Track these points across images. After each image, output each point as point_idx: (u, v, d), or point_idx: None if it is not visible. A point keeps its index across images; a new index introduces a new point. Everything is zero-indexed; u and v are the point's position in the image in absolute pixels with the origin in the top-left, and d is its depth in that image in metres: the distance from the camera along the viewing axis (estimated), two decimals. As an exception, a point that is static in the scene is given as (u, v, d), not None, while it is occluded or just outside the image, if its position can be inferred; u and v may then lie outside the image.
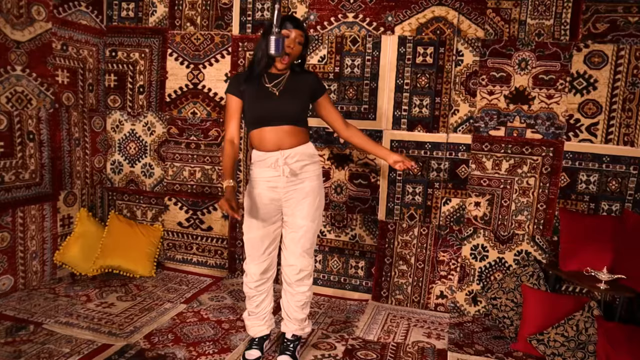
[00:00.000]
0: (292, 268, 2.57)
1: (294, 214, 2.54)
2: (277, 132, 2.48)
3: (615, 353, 2.49)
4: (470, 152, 3.27)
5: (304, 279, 2.60)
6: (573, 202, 3.16)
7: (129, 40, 3.81)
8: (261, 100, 2.48)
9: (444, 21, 3.22)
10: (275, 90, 2.47)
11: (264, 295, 2.71)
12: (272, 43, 2.32)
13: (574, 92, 3.08)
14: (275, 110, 2.47)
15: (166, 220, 3.92)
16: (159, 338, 2.87)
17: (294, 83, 2.50)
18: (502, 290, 3.23)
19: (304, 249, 2.56)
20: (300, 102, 2.52)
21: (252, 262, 2.63)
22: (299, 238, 2.55)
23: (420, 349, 2.91)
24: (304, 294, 2.63)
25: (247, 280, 2.67)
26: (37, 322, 2.96)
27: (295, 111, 2.50)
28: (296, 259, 2.56)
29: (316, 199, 2.56)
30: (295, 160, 2.49)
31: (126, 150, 3.94)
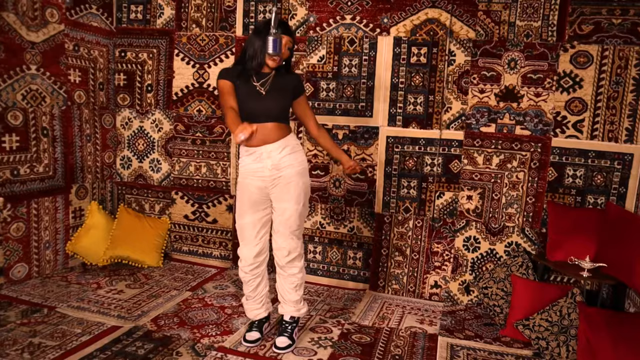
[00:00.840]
0: (282, 250, 2.75)
1: (280, 198, 2.71)
2: (263, 129, 2.62)
3: (594, 335, 2.63)
4: (462, 147, 3.43)
5: (294, 261, 2.78)
6: (560, 196, 3.30)
7: (138, 41, 4.00)
8: (250, 98, 2.67)
9: (437, 23, 3.37)
10: (262, 90, 2.65)
11: (259, 279, 2.86)
12: (270, 43, 2.50)
13: (560, 90, 3.23)
14: (262, 109, 2.65)
15: (173, 213, 4.10)
16: (165, 321, 3.04)
17: (279, 83, 2.68)
18: (493, 280, 3.38)
19: (291, 230, 2.72)
20: (284, 101, 2.71)
21: (245, 247, 2.80)
22: (286, 220, 2.71)
23: (412, 334, 3.06)
24: (296, 276, 2.81)
25: (242, 265, 2.83)
26: (51, 306, 3.14)
27: (279, 109, 2.69)
28: (284, 240, 2.73)
29: (299, 183, 2.70)
30: (278, 152, 2.66)
31: (135, 146, 4.12)
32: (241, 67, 2.69)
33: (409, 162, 3.52)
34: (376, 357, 2.76)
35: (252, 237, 2.77)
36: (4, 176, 3.28)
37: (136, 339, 2.80)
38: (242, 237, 2.80)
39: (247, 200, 2.74)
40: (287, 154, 2.69)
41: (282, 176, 2.69)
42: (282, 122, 2.69)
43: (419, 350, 2.86)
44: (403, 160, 3.53)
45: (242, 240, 2.80)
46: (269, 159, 2.65)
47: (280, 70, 2.71)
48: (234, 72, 2.71)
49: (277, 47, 2.51)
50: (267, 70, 2.68)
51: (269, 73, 2.68)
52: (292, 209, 2.71)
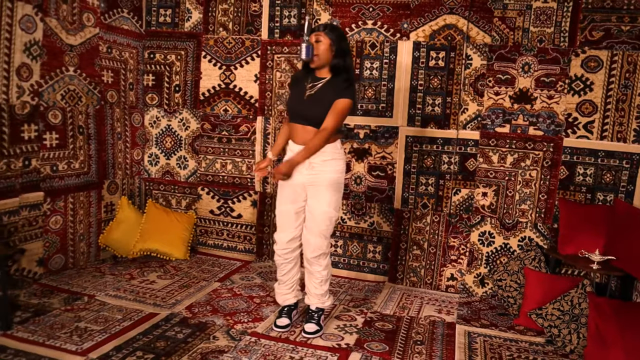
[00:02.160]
0: (309, 245, 2.92)
1: (314, 198, 2.89)
2: (304, 130, 2.84)
3: (603, 323, 2.81)
4: (478, 147, 3.61)
5: (319, 258, 2.93)
6: (571, 193, 3.49)
7: (166, 44, 4.18)
8: (294, 101, 2.88)
9: (455, 28, 3.56)
10: (307, 93, 2.82)
11: (290, 265, 3.05)
12: (302, 49, 2.68)
13: (572, 93, 3.42)
14: (301, 112, 2.85)
15: (199, 208, 4.29)
16: (199, 309, 3.23)
17: (326, 89, 2.79)
18: (507, 272, 3.56)
19: (319, 230, 2.89)
20: (324, 108, 2.77)
21: (281, 232, 3.00)
22: (316, 219, 2.89)
23: (431, 322, 3.26)
24: (320, 273, 2.97)
25: (277, 247, 3.03)
26: (90, 294, 3.33)
27: (318, 116, 2.78)
28: (312, 237, 2.90)
29: (332, 189, 2.86)
30: (316, 157, 2.81)
31: (162, 144, 4.31)
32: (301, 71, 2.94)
33: (427, 161, 3.70)
34: (399, 342, 2.96)
35: (288, 224, 2.98)
36: (45, 172, 3.47)
37: (174, 325, 2.99)
38: (280, 222, 3.01)
39: (288, 190, 2.95)
40: (324, 160, 2.83)
41: (317, 179, 2.86)
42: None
43: (439, 337, 3.05)
44: (421, 159, 3.71)
45: (280, 225, 3.02)
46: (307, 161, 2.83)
47: (337, 78, 2.79)
48: (297, 75, 2.97)
49: (309, 53, 2.70)
50: (322, 75, 2.83)
51: (323, 77, 2.82)
52: (322, 211, 2.87)
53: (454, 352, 2.88)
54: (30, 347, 2.64)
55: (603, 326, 2.83)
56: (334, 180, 2.88)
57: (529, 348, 2.98)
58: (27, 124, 3.31)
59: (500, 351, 2.92)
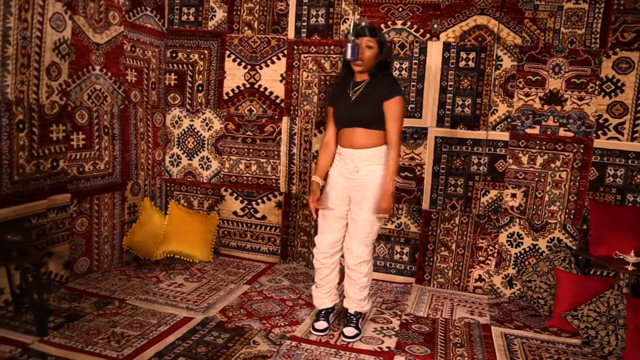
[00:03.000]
0: (350, 253, 2.91)
1: (357, 205, 2.88)
2: (351, 133, 2.85)
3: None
4: (507, 148, 3.62)
5: (360, 265, 2.91)
6: (601, 194, 3.52)
7: (189, 42, 4.13)
8: (340, 105, 2.89)
9: (485, 29, 3.56)
10: (352, 96, 2.82)
11: (329, 270, 3.03)
12: (348, 49, 2.66)
13: (602, 94, 3.44)
14: (348, 115, 2.85)
15: (222, 209, 4.24)
16: (233, 313, 3.19)
17: (370, 90, 2.80)
18: (536, 273, 3.58)
19: (361, 237, 2.87)
20: (370, 108, 2.79)
21: (323, 235, 2.99)
22: (358, 226, 2.87)
23: (466, 324, 3.26)
24: (361, 280, 2.95)
25: (316, 251, 3.02)
26: (120, 298, 3.27)
27: (365, 116, 2.80)
28: (353, 243, 2.89)
29: (376, 195, 2.83)
30: (360, 159, 2.83)
31: (184, 145, 4.26)
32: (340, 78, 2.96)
33: (457, 162, 3.70)
34: (439, 345, 2.96)
35: (331, 227, 2.96)
36: (72, 173, 3.40)
37: (211, 329, 2.95)
38: (322, 226, 2.99)
39: (332, 193, 2.94)
40: (370, 164, 2.83)
41: (361, 184, 2.85)
42: (373, 129, 2.79)
43: (477, 339, 3.05)
44: (451, 160, 3.71)
45: (322, 228, 3.00)
46: (352, 163, 2.83)
47: (377, 76, 2.81)
48: (334, 89, 3.01)
49: (354, 53, 2.68)
50: (362, 78, 2.83)
51: (363, 80, 2.83)
52: (364, 218, 2.85)
53: (494, 354, 2.89)
54: (70, 353, 2.59)
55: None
56: (379, 187, 2.83)
57: (566, 350, 2.99)
58: (56, 125, 3.25)
59: (539, 353, 2.93)
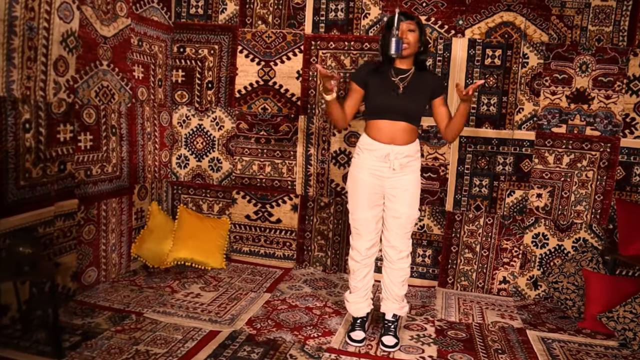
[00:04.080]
0: (395, 249, 2.83)
1: (397, 202, 2.77)
2: (394, 126, 2.69)
3: (689, 325, 2.83)
4: (533, 147, 3.56)
5: (405, 258, 2.87)
6: (627, 194, 3.49)
7: (198, 37, 3.91)
8: (384, 93, 2.70)
9: (512, 26, 3.48)
10: (400, 85, 2.68)
11: (367, 269, 2.91)
12: (392, 44, 2.53)
13: (630, 93, 3.41)
14: (396, 106, 2.69)
15: (233, 213, 4.04)
16: (260, 324, 3.01)
17: (418, 81, 2.69)
18: (563, 274, 3.53)
19: (405, 232, 2.82)
20: (420, 102, 2.72)
21: (360, 240, 2.85)
22: (402, 223, 2.80)
23: (501, 328, 3.17)
24: (405, 270, 2.88)
25: (354, 254, 2.89)
26: (136, 311, 3.04)
27: (414, 110, 2.71)
28: (397, 240, 2.82)
29: (416, 191, 2.81)
30: (404, 156, 2.71)
31: (193, 145, 4.03)
32: (378, 64, 2.76)
33: (482, 162, 3.62)
34: (480, 352, 2.86)
35: (369, 231, 2.83)
36: (79, 177, 3.15)
37: (242, 344, 2.76)
38: (360, 230, 2.84)
39: (364, 196, 2.79)
40: (411, 160, 2.74)
41: (401, 180, 2.74)
42: (413, 124, 2.72)
43: (515, 344, 2.97)
44: (475, 160, 3.62)
45: (358, 233, 2.85)
46: (396, 160, 2.69)
47: (421, 69, 2.72)
48: (368, 68, 2.79)
49: (398, 48, 2.54)
50: (405, 66, 2.71)
51: (408, 70, 2.70)
52: (408, 214, 2.79)
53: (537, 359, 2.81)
54: (96, 376, 2.38)
55: (685, 328, 2.84)
56: (417, 181, 2.80)
57: (606, 353, 2.94)
58: (63, 124, 2.99)
59: (580, 357, 2.86)
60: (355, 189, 2.82)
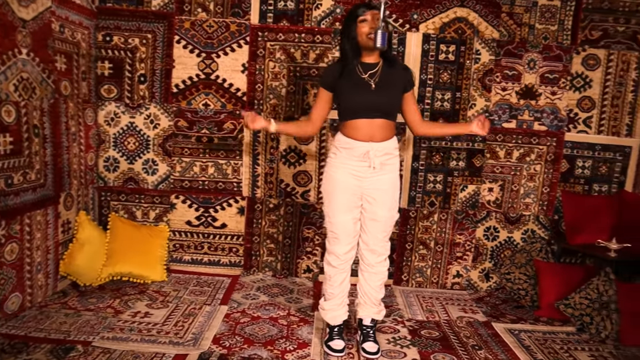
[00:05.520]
0: (373, 252, 2.73)
1: (377, 204, 2.64)
2: (372, 124, 2.55)
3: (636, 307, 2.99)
4: (485, 142, 3.60)
5: (384, 260, 2.78)
6: (571, 185, 3.67)
7: (127, 25, 3.45)
8: (357, 92, 2.54)
9: (465, 22, 3.48)
10: (371, 82, 2.53)
11: (344, 274, 2.77)
12: (378, 36, 2.38)
13: (573, 89, 3.57)
14: (371, 103, 2.54)
15: (172, 219, 3.64)
16: (229, 342, 2.73)
17: (389, 75, 2.56)
18: (514, 265, 3.62)
19: (384, 235, 2.72)
20: (395, 96, 2.60)
21: (338, 245, 2.69)
22: (381, 226, 2.69)
23: (468, 323, 3.17)
24: (383, 273, 2.80)
25: (331, 259, 2.73)
26: (81, 341, 2.61)
27: (390, 105, 2.59)
28: (376, 243, 2.72)
29: (396, 191, 2.71)
30: (383, 153, 2.59)
31: (123, 146, 3.57)
32: (342, 63, 2.56)
33: (436, 157, 3.60)
34: (459, 349, 2.82)
35: (347, 235, 2.67)
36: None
37: (217, 366, 2.48)
38: (337, 235, 2.67)
39: (342, 198, 2.62)
40: (390, 158, 2.62)
41: (380, 180, 2.61)
42: (391, 120, 2.59)
43: (488, 338, 2.98)
44: (430, 156, 3.59)
45: (336, 238, 2.68)
46: (376, 158, 2.54)
47: (389, 61, 2.57)
48: (334, 70, 2.59)
49: (384, 41, 2.40)
50: (372, 60, 2.55)
51: (376, 64, 2.55)
52: (388, 216, 2.68)
53: (513, 352, 2.82)
54: None
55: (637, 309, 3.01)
56: (396, 180, 2.69)
57: (569, 339, 3.05)
58: (-21, 125, 2.48)
59: (549, 345, 2.94)
60: (333, 191, 2.63)
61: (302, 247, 3.70)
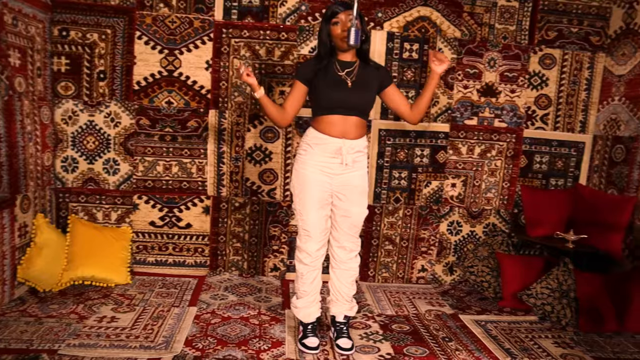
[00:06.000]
0: (344, 249, 2.76)
1: (348, 200, 2.67)
2: (346, 121, 2.57)
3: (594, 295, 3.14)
4: (448, 139, 3.69)
5: (355, 257, 2.81)
6: (529, 180, 3.80)
7: (85, 19, 3.31)
8: (334, 89, 2.55)
9: (428, 21, 3.55)
10: (348, 80, 2.54)
11: (317, 272, 2.78)
12: (352, 34, 2.39)
13: (531, 87, 3.71)
14: (347, 101, 2.55)
15: (135, 220, 3.54)
16: (202, 344, 2.67)
17: (365, 74, 2.59)
18: (477, 258, 3.72)
19: (356, 231, 2.76)
20: (370, 95, 2.63)
21: (310, 242, 2.69)
22: (352, 222, 2.72)
23: (437, 316, 3.24)
24: (354, 269, 2.83)
25: (303, 257, 2.72)
26: (46, 349, 2.49)
27: (365, 104, 2.62)
28: (348, 240, 2.75)
29: (365, 187, 2.74)
30: (355, 151, 2.61)
31: (82, 145, 3.43)
32: (319, 59, 2.57)
33: (400, 154, 3.64)
34: (430, 342, 2.87)
35: (319, 232, 2.68)
36: (-47, 189, 2.48)
37: (193, 369, 2.43)
38: (308, 232, 2.67)
39: (314, 195, 2.63)
40: (360, 155, 2.65)
41: (350, 177, 2.64)
42: (364, 119, 2.61)
43: (457, 330, 3.05)
44: (395, 153, 3.64)
45: (308, 235, 2.68)
46: (349, 155, 2.56)
47: (365, 61, 2.60)
48: (311, 66, 2.60)
49: (358, 39, 2.41)
50: (349, 58, 2.56)
51: (353, 62, 2.57)
52: (359, 212, 2.72)
53: (482, 342, 2.90)
54: None
55: (596, 297, 3.16)
56: (366, 176, 2.72)
57: (532, 327, 3.16)
58: None
59: (515, 334, 3.04)
60: (304, 188, 2.63)
61: (268, 246, 3.68)
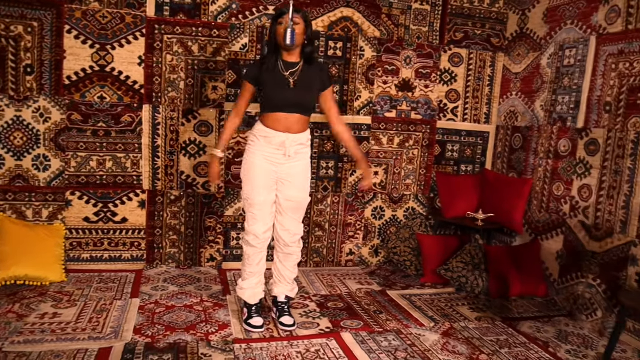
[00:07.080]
0: (288, 232, 2.96)
1: (291, 186, 2.88)
2: (289, 118, 2.78)
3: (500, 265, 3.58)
4: (370, 130, 3.98)
5: (299, 241, 3.01)
6: (443, 167, 4.20)
7: (8, 10, 3.22)
8: (278, 89, 2.76)
9: (351, 21, 3.82)
10: (290, 80, 2.74)
11: (263, 254, 2.96)
12: (288, 34, 2.61)
13: (442, 83, 4.09)
14: (290, 101, 2.77)
15: (68, 217, 3.49)
16: (151, 331, 2.76)
17: (307, 75, 2.79)
18: (399, 240, 4.06)
19: (299, 216, 2.98)
20: (311, 95, 2.84)
21: (257, 223, 2.87)
22: (295, 207, 2.93)
23: (367, 293, 3.53)
24: (297, 253, 3.04)
25: (250, 239, 2.89)
26: (-10, 347, 2.47)
27: (307, 103, 2.83)
28: (292, 224, 2.95)
29: (308, 176, 2.96)
30: (297, 144, 2.83)
31: (9, 141, 3.32)
32: (265, 59, 2.79)
33: (327, 145, 3.89)
34: (363, 315, 3.15)
35: (265, 214, 2.88)
36: None
37: (145, 354, 2.52)
38: (255, 215, 2.86)
39: (260, 180, 2.83)
40: (303, 147, 2.86)
41: (294, 166, 2.86)
42: (306, 116, 2.84)
43: (386, 304, 3.36)
44: (322, 144, 3.88)
45: (254, 218, 2.87)
46: (291, 147, 2.77)
47: (309, 61, 2.80)
48: (258, 67, 2.82)
49: (293, 39, 2.62)
50: (294, 59, 2.75)
51: (297, 63, 2.75)
52: (302, 198, 2.94)
53: (409, 312, 3.23)
54: None
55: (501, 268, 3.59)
56: (308, 167, 2.95)
57: (450, 297, 3.55)
58: None
59: (437, 304, 3.40)
60: (252, 174, 2.82)
61: (205, 237, 3.78)
